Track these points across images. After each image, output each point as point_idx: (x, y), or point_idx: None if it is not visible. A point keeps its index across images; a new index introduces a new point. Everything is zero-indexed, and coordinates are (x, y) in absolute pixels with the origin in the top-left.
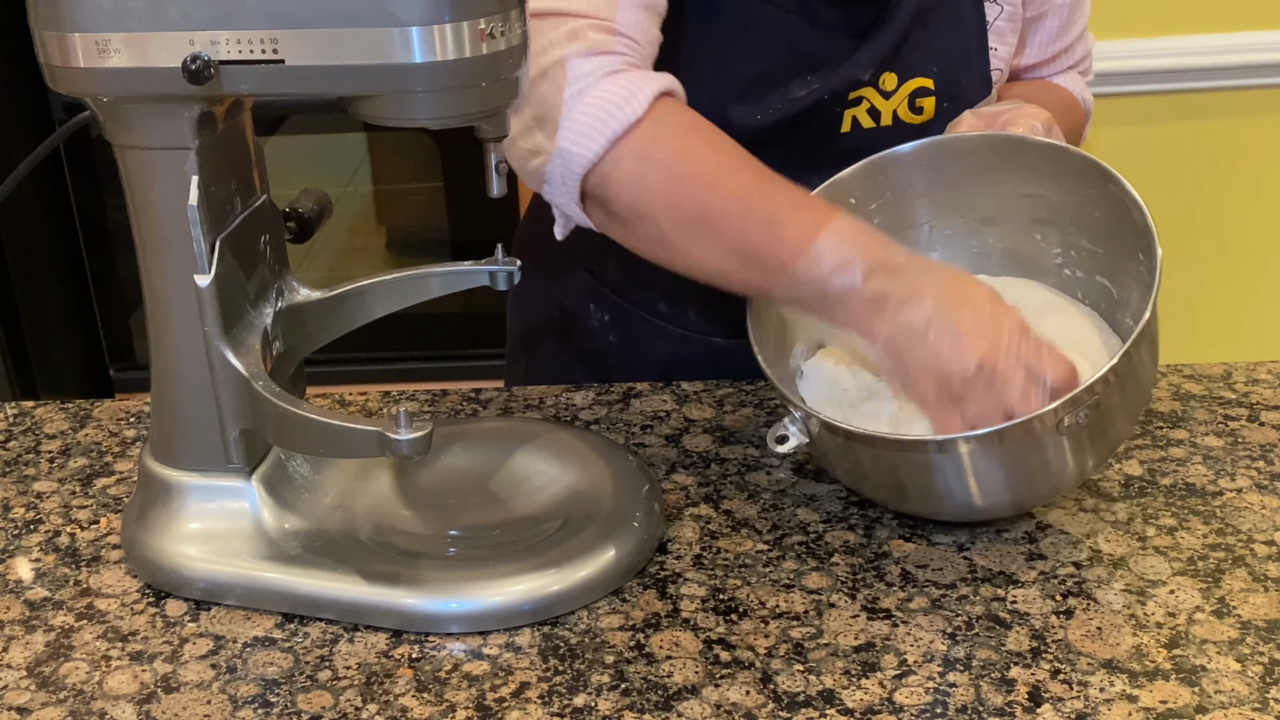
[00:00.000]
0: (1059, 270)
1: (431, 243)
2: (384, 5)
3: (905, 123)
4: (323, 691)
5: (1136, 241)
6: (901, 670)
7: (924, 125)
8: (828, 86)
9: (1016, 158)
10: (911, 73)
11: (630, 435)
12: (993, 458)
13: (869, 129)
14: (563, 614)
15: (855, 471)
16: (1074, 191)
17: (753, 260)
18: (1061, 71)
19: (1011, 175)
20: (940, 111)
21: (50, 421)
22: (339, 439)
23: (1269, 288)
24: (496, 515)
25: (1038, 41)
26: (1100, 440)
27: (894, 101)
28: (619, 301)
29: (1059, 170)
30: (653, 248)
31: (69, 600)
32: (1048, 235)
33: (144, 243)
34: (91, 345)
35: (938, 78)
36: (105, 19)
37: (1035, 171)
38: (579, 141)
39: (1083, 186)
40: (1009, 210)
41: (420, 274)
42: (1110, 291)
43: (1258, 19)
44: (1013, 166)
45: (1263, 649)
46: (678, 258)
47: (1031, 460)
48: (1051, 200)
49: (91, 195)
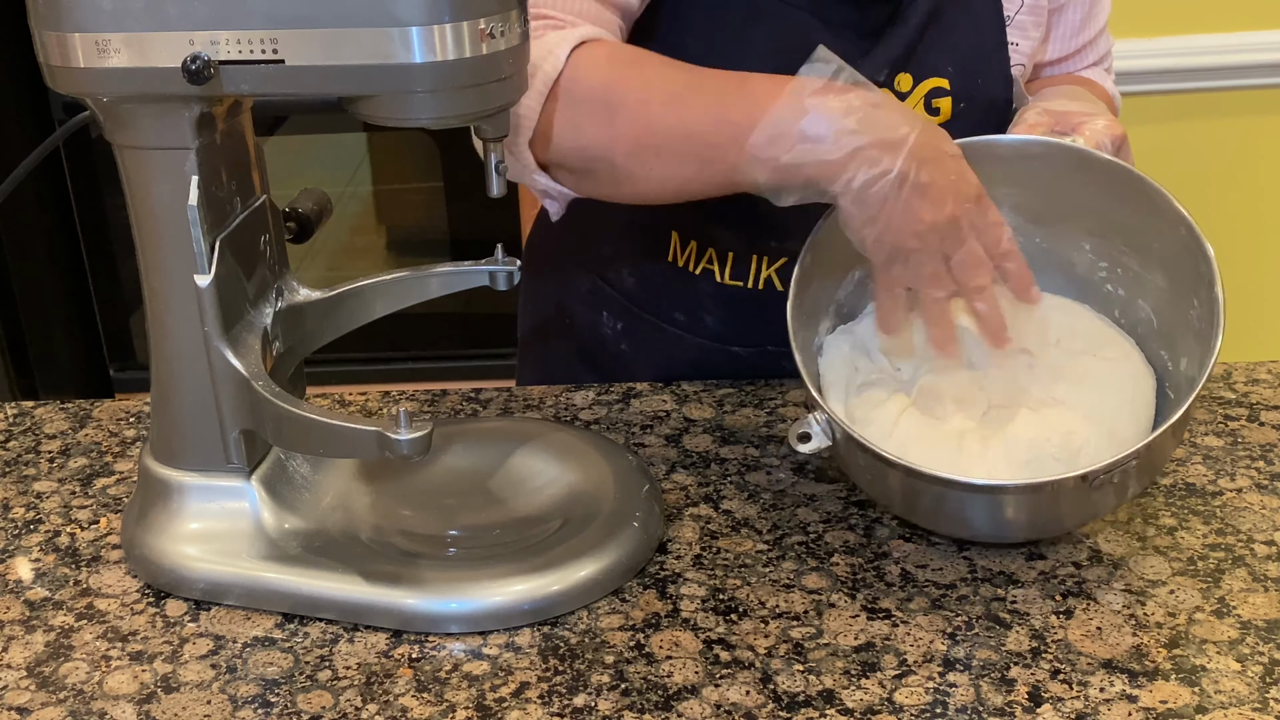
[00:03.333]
0: (1101, 284)
1: (431, 243)
2: (384, 5)
3: None
4: (323, 691)
5: (1194, 285)
6: (901, 670)
7: (942, 126)
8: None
9: (1087, 171)
10: (926, 73)
11: (630, 435)
12: (1024, 501)
13: None
14: (563, 614)
15: (872, 478)
16: (1135, 217)
17: (710, 156)
18: (1087, 67)
19: (1070, 182)
20: (958, 112)
21: (50, 421)
22: (339, 439)
23: (1269, 288)
24: (496, 515)
25: (1060, 35)
26: (1139, 479)
27: (910, 102)
28: (632, 309)
29: (1126, 193)
30: (617, 186)
31: (69, 600)
32: (1096, 248)
33: (144, 243)
34: (91, 345)
35: (953, 78)
36: (105, 19)
37: (1100, 187)
38: (515, 112)
39: (1147, 216)
40: (1062, 214)
41: (420, 274)
42: (1152, 321)
43: (1258, 19)
44: (1079, 180)
45: (1263, 649)
46: (644, 186)
47: (1064, 504)
48: (1109, 218)
49: (91, 195)
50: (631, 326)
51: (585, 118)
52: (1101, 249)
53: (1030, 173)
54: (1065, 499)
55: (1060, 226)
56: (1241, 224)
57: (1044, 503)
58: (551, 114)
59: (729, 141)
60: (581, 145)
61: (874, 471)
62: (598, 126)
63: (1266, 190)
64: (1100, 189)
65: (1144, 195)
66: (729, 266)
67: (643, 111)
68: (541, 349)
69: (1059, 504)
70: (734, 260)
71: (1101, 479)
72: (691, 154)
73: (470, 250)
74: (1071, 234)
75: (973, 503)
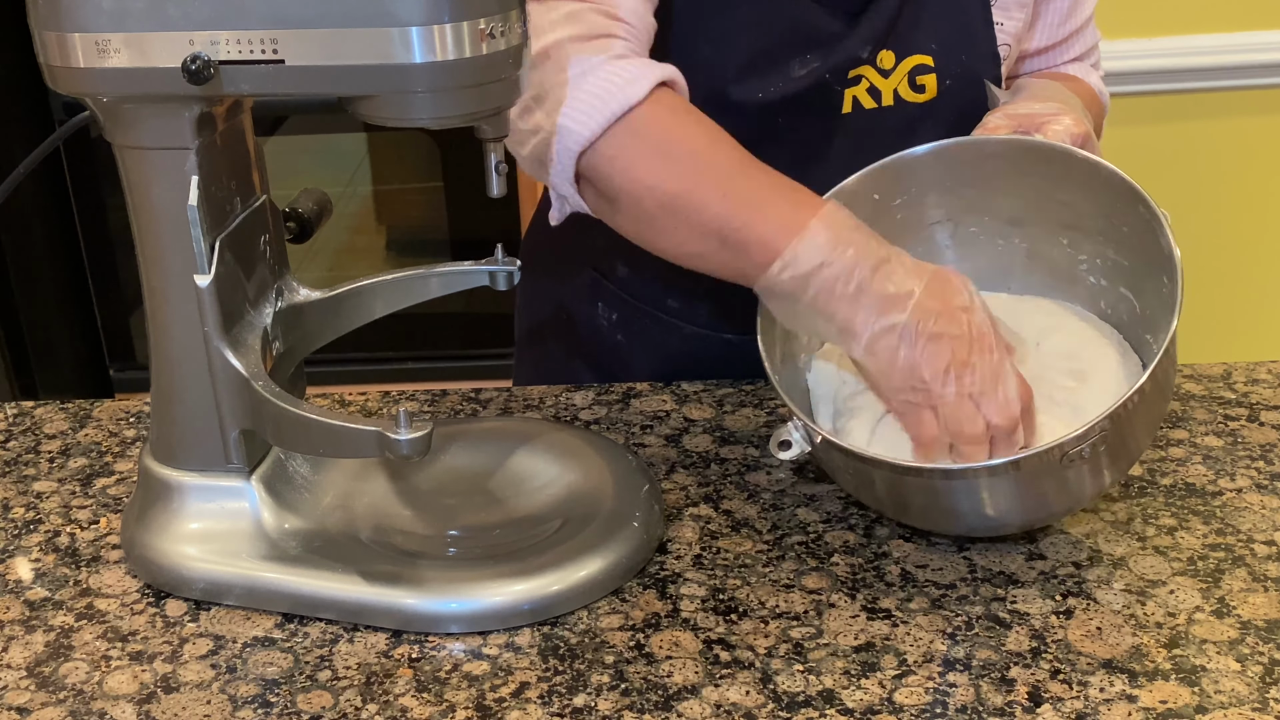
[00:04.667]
0: (1084, 277)
1: (431, 243)
2: (384, 5)
3: (908, 102)
4: (323, 691)
5: (1162, 264)
6: (901, 670)
7: (928, 104)
8: (827, 65)
9: (1048, 164)
10: (909, 50)
11: (630, 435)
12: (1000, 485)
13: (870, 110)
14: (563, 614)
15: (857, 483)
16: (1104, 204)
17: (735, 242)
18: (1073, 60)
19: (1042, 180)
20: (944, 90)
21: (50, 421)
22: (339, 439)
23: (1269, 288)
24: (496, 515)
25: (1047, 24)
26: (1115, 463)
27: (894, 80)
28: (627, 299)
29: (1090, 182)
30: (638, 228)
31: (69, 600)
32: (1075, 241)
33: (144, 243)
34: (91, 345)
35: (937, 55)
36: (105, 19)
37: (1067, 180)
38: (579, 120)
39: (1113, 201)
40: (1037, 213)
41: (420, 274)
42: (1134, 306)
43: (1258, 19)
44: (1043, 172)
45: (1263, 649)
46: (661, 238)
47: (1044, 486)
48: (1081, 209)
49: (91, 195)
50: (627, 317)
51: (642, 156)
52: (1082, 243)
53: (998, 172)
54: (1043, 479)
55: (1036, 225)
56: (1241, 224)
57: (1024, 485)
58: (613, 135)
59: (756, 241)
60: (626, 179)
61: (856, 473)
62: (649, 169)
63: (1266, 190)
64: (1063, 180)
65: (1102, 179)
66: None
67: (695, 175)
68: (538, 348)
69: (1039, 485)
70: None
71: (1072, 455)
72: (717, 233)
73: (470, 250)
74: (1049, 231)
75: (951, 491)
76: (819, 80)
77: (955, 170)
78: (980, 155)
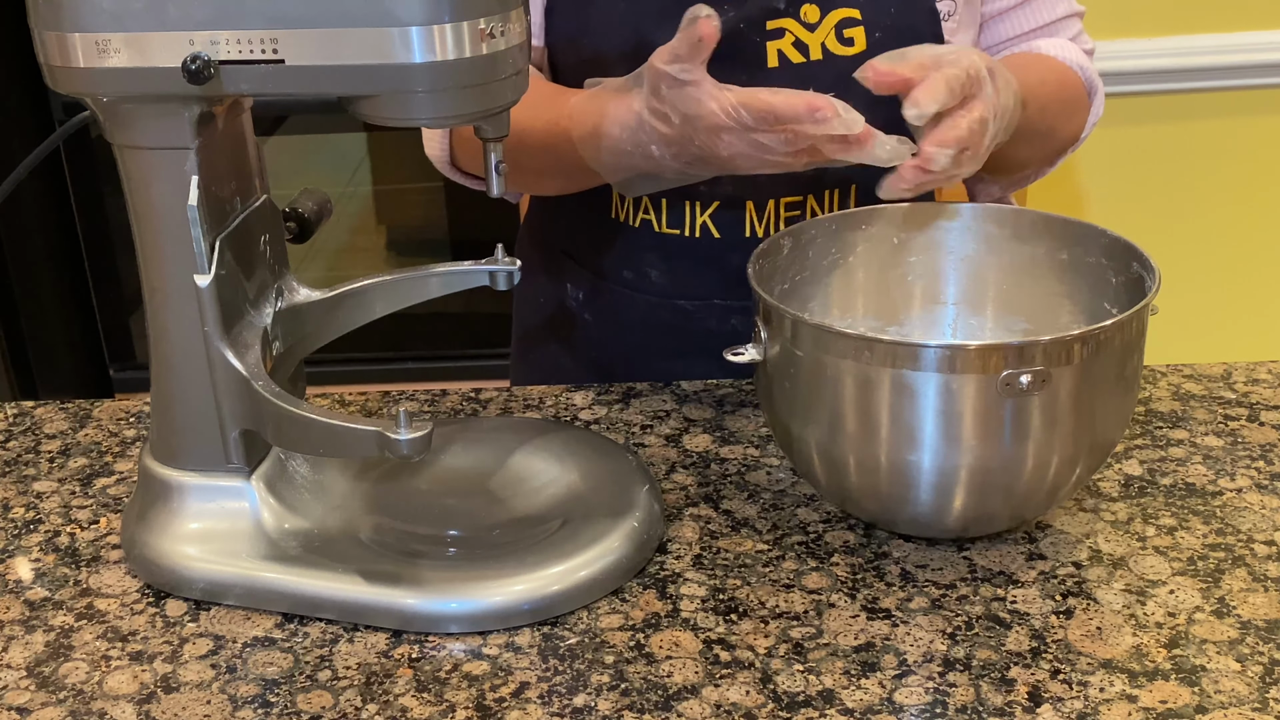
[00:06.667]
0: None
1: (431, 243)
2: (384, 5)
3: (837, 55)
4: (323, 691)
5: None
6: (901, 670)
7: (857, 57)
8: (742, 15)
9: (954, 219)
10: (835, 3)
11: (630, 435)
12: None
13: (799, 64)
14: (563, 614)
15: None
16: (1032, 234)
17: (574, 172)
18: (1042, 27)
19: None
20: (873, 43)
21: (50, 421)
22: (339, 439)
23: (1269, 288)
24: (496, 515)
25: None
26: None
27: (820, 34)
28: (588, 274)
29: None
30: (521, 178)
31: (69, 600)
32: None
33: (144, 243)
34: (91, 345)
35: (864, 7)
36: (105, 19)
37: (981, 228)
38: (429, 147)
39: (1041, 230)
40: (982, 276)
41: (420, 274)
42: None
43: (1258, 19)
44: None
45: (1263, 649)
46: (534, 182)
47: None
48: (1018, 254)
49: (91, 195)
50: (590, 294)
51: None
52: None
53: (933, 241)
54: (992, 411)
55: (991, 295)
56: (1241, 224)
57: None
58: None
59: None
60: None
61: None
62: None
63: (1266, 190)
64: (981, 228)
65: (1023, 216)
66: (664, 214)
67: (523, 151)
68: (529, 345)
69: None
70: (668, 207)
71: (1010, 375)
72: (563, 174)
73: (470, 250)
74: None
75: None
76: (734, 30)
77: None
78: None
